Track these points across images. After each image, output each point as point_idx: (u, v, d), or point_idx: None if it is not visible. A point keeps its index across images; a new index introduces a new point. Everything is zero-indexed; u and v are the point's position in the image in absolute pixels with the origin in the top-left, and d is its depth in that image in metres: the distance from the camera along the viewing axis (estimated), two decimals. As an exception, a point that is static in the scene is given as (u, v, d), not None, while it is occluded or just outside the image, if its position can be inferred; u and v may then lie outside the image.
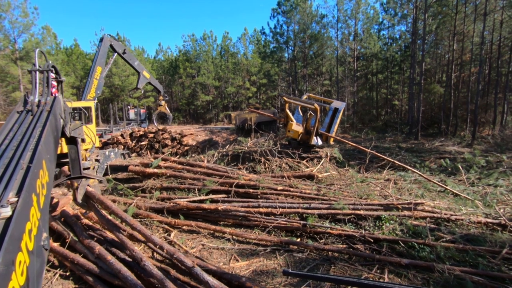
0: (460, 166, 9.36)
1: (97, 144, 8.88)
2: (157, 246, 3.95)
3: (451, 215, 5.30)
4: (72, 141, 3.60)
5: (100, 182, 4.91)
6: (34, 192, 1.57)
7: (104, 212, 4.83)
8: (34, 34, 26.32)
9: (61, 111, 2.99)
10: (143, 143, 15.58)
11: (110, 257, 3.89)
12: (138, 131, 15.86)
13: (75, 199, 4.53)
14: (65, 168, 4.95)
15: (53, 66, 3.38)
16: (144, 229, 4.19)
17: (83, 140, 4.12)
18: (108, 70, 9.33)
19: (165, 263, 4.07)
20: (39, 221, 1.57)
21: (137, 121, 23.61)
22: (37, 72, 3.13)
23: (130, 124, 21.60)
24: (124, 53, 9.01)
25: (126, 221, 4.46)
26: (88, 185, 4.74)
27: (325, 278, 1.87)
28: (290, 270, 1.33)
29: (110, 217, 4.67)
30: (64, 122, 3.11)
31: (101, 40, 9.21)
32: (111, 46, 9.26)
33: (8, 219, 1.26)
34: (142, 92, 12.32)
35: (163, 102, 11.26)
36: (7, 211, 1.28)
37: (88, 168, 4.61)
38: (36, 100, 2.78)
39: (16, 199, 1.36)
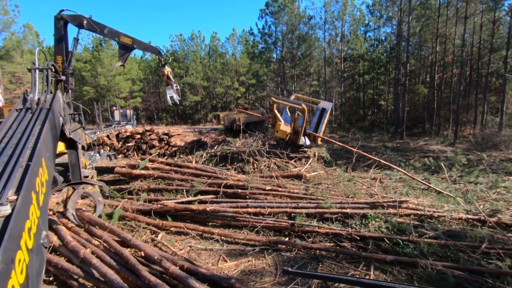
0: (443, 165, 9.65)
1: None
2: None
3: (434, 212, 5.47)
4: (72, 146, 3.56)
5: (102, 190, 4.81)
6: (34, 190, 1.56)
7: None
8: (15, 33, 25.56)
9: (61, 109, 2.99)
10: (129, 144, 15.34)
11: (95, 261, 3.81)
12: (125, 132, 15.60)
13: (65, 208, 4.42)
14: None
15: (52, 65, 3.37)
16: (145, 247, 4.11)
17: (83, 148, 4.08)
18: (74, 56, 6.87)
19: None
20: (39, 219, 1.56)
21: (119, 123, 22.25)
22: (37, 71, 3.12)
23: (111, 126, 20.25)
24: (82, 25, 6.65)
25: (125, 239, 4.44)
26: (87, 193, 4.65)
27: (325, 277, 1.90)
28: (290, 269, 1.31)
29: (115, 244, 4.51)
30: (64, 120, 3.10)
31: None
32: (68, 24, 6.73)
33: (8, 217, 1.25)
34: (124, 69, 8.58)
35: (164, 68, 7.60)
36: (6, 209, 1.27)
37: (87, 177, 4.57)
38: (36, 98, 2.77)
39: (15, 197, 1.36)
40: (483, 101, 21.46)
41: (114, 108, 24.73)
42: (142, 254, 4.09)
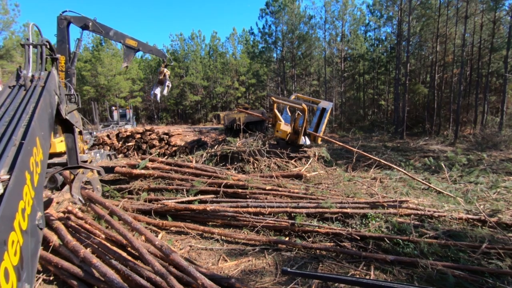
0: (443, 164, 9.64)
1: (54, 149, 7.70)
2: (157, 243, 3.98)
3: (434, 212, 5.46)
4: (68, 129, 3.47)
5: (99, 174, 4.72)
6: (28, 170, 1.50)
7: (115, 223, 4.69)
8: (15, 32, 25.51)
9: (56, 87, 2.85)
10: (130, 143, 15.33)
11: (95, 260, 3.81)
12: (125, 131, 15.59)
13: (70, 193, 4.38)
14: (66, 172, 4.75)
15: (47, 41, 3.20)
16: (146, 231, 4.17)
17: (80, 133, 4.00)
18: (77, 56, 6.89)
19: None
20: (33, 200, 1.51)
21: (117, 123, 21.85)
22: (31, 47, 2.93)
23: (109, 126, 19.92)
24: (87, 26, 7.07)
25: (126, 221, 4.45)
26: (86, 180, 4.55)
27: (325, 277, 1.88)
28: (289, 269, 1.29)
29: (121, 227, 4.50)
30: (59, 100, 2.97)
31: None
32: (70, 25, 7.04)
33: None
34: (127, 69, 8.48)
35: (164, 68, 8.30)
36: None
37: (86, 162, 4.45)
38: (30, 74, 2.63)
39: (7, 176, 1.30)
40: (483, 101, 21.44)
41: (113, 108, 24.65)
42: (143, 238, 4.11)
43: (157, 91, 8.27)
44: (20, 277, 1.23)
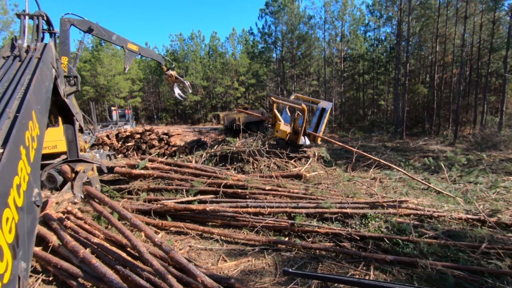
0: (442, 165, 9.64)
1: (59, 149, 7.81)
2: (157, 241, 4.00)
3: (434, 212, 5.46)
4: (68, 120, 3.42)
5: (101, 170, 4.64)
6: (23, 145, 1.44)
7: (114, 220, 4.67)
8: (15, 32, 25.45)
9: (53, 60, 2.71)
10: (129, 144, 15.32)
11: (95, 261, 3.81)
12: (125, 131, 15.58)
13: (72, 191, 4.37)
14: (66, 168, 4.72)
15: (45, 14, 3.06)
16: (146, 228, 4.18)
17: (81, 130, 3.96)
18: (78, 57, 6.82)
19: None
20: (29, 176, 1.45)
21: (116, 123, 21.64)
22: (27, 17, 2.81)
23: (108, 126, 19.75)
24: (91, 30, 7.27)
25: (126, 217, 4.47)
26: (87, 180, 4.53)
27: (325, 277, 1.87)
28: (290, 270, 1.28)
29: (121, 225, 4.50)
30: (57, 73, 2.82)
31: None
32: (73, 27, 7.20)
33: None
34: (126, 72, 8.71)
35: (169, 72, 8.46)
36: None
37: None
38: (25, 45, 2.50)
39: (1, 150, 1.25)
40: (483, 101, 21.46)
41: (113, 108, 24.63)
42: (143, 236, 4.12)
43: (178, 91, 8.80)
44: (16, 255, 1.19)
